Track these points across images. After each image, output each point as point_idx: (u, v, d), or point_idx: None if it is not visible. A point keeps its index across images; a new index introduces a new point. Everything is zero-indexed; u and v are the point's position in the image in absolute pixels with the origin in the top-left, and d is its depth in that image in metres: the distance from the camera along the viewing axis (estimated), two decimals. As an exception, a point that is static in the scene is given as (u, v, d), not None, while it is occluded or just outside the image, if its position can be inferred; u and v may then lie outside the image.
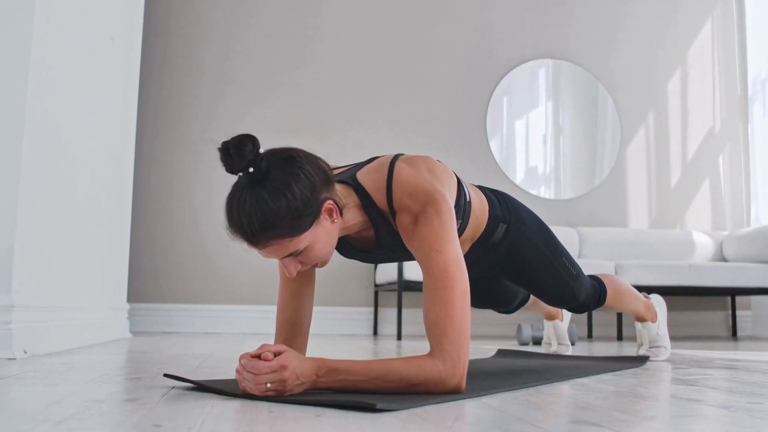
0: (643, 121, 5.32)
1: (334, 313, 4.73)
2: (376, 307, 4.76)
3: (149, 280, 4.51)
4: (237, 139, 1.32)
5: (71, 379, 1.60)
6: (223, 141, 1.34)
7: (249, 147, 1.32)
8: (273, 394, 1.28)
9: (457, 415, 1.15)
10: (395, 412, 1.16)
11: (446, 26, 5.13)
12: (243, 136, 1.33)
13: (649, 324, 2.47)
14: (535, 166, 5.23)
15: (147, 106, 4.61)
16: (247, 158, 1.31)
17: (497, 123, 5.16)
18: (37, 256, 2.44)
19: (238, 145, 1.31)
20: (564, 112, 5.27)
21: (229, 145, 1.32)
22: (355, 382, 1.33)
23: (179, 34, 4.81)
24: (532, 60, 5.22)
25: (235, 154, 1.31)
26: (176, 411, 1.17)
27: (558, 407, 1.26)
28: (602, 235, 4.85)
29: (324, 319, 4.67)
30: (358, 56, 5.00)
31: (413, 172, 1.50)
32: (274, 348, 1.32)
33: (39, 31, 2.36)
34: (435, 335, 1.37)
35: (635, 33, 5.40)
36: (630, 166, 5.25)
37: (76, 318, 2.91)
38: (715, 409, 1.27)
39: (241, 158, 1.31)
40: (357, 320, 4.78)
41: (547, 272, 1.97)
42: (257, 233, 1.34)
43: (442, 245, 1.41)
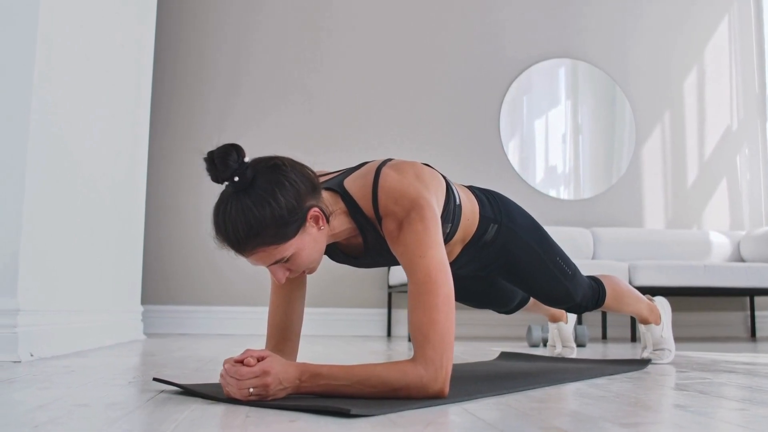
0: (659, 120, 5.27)
1: (348, 315, 4.75)
2: (389, 309, 4.77)
3: (164, 283, 4.57)
4: (222, 149, 1.34)
5: (66, 383, 1.63)
6: (209, 151, 1.36)
7: (233, 156, 1.34)
8: (256, 398, 1.30)
9: (430, 421, 1.16)
10: (369, 417, 1.17)
11: (457, 27, 5.13)
12: (228, 145, 1.35)
13: (653, 326, 2.44)
14: (554, 165, 5.19)
15: (160, 111, 4.67)
16: (231, 168, 1.33)
17: (516, 122, 5.13)
18: (43, 260, 2.48)
19: (223, 155, 1.33)
20: (581, 111, 5.24)
21: (213, 154, 1.34)
22: (337, 386, 1.34)
23: (191, 40, 4.86)
24: (546, 60, 5.19)
25: (219, 163, 1.33)
26: (155, 415, 1.19)
27: (535, 413, 1.26)
28: (616, 236, 4.81)
29: (337, 321, 4.70)
30: (369, 59, 5.02)
31: (399, 178, 1.51)
32: (258, 353, 1.34)
33: (43, 38, 2.41)
34: (418, 340, 1.38)
35: (650, 31, 5.35)
36: (645, 165, 5.21)
37: (85, 320, 2.96)
38: (691, 415, 1.26)
39: (226, 168, 1.33)
40: (370, 321, 4.80)
41: (541, 272, 1.96)
42: (243, 241, 1.36)
43: (425, 251, 1.42)
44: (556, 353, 2.75)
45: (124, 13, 3.59)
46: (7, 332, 2.17)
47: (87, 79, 2.98)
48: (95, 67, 3.08)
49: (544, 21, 5.22)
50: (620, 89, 5.22)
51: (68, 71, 2.74)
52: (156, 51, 4.41)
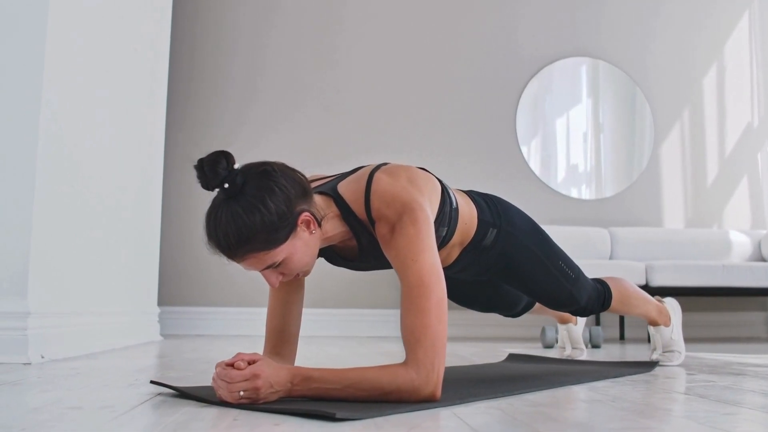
0: (678, 118, 5.20)
1: (362, 315, 4.76)
2: (405, 309, 4.76)
3: (181, 285, 4.61)
4: (211, 156, 1.36)
5: (67, 385, 1.66)
6: (199, 158, 1.37)
7: (223, 164, 1.35)
8: (247, 401, 1.31)
9: (415, 425, 1.16)
10: (354, 421, 1.17)
11: (473, 27, 5.11)
12: (217, 152, 1.36)
13: (662, 328, 2.42)
14: (575, 164, 5.15)
15: (175, 116, 4.71)
16: (221, 175, 1.35)
17: (538, 120, 5.10)
18: (54, 264, 2.52)
19: (212, 162, 1.35)
20: (601, 109, 5.19)
21: (203, 162, 1.36)
22: (329, 390, 1.35)
23: (206, 46, 4.89)
24: (561, 59, 5.14)
25: (209, 171, 1.35)
26: (144, 418, 1.21)
27: (524, 418, 1.26)
28: (634, 235, 4.76)
29: (352, 322, 4.71)
30: (385, 61, 5.01)
31: (391, 182, 1.51)
32: (249, 357, 1.35)
33: (53, 38, 2.45)
34: (410, 344, 1.38)
35: (668, 27, 5.28)
36: (665, 164, 5.14)
37: (100, 322, 3.01)
38: (683, 420, 1.25)
39: (215, 175, 1.35)
40: (386, 322, 4.79)
41: (543, 276, 1.95)
42: (233, 248, 1.37)
43: (417, 254, 1.42)
44: (566, 355, 2.74)
45: (138, 21, 3.64)
46: (17, 334, 2.21)
47: (99, 82, 3.02)
48: (107, 71, 3.13)
49: (561, 19, 5.18)
50: (638, 87, 5.17)
51: (79, 75, 2.78)
52: (172, 53, 4.46)
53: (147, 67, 3.81)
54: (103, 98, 3.07)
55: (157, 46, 4.02)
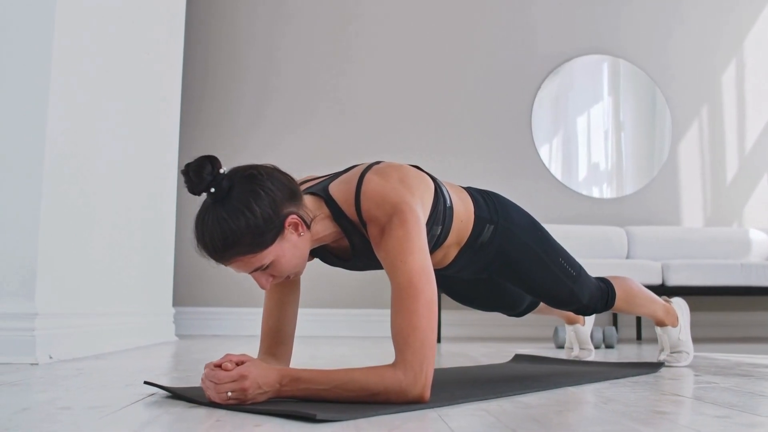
0: (697, 115, 5.13)
1: (378, 316, 4.75)
2: (420, 310, 4.75)
3: (196, 285, 4.65)
4: (196, 162, 1.37)
5: (65, 386, 1.68)
6: (186, 163, 1.38)
7: (208, 169, 1.36)
8: (235, 402, 1.32)
9: (395, 426, 1.16)
10: (334, 422, 1.18)
11: (488, 25, 5.09)
12: (203, 157, 1.37)
13: (670, 329, 2.39)
14: (596, 162, 5.10)
15: (189, 118, 4.75)
16: (206, 180, 1.36)
17: (560, 119, 5.07)
18: (62, 265, 2.56)
19: (198, 168, 1.36)
20: (621, 108, 5.13)
21: (189, 167, 1.37)
22: (317, 391, 1.36)
23: (219, 52, 4.93)
24: (580, 56, 5.10)
25: (194, 176, 1.36)
26: (128, 419, 1.22)
27: (508, 421, 1.25)
28: (651, 234, 4.70)
29: (368, 322, 4.71)
30: (399, 60, 5.01)
31: (382, 182, 1.51)
32: (237, 358, 1.36)
33: (59, 42, 2.49)
34: (398, 345, 1.38)
35: (687, 24, 5.21)
36: (683, 162, 5.08)
37: (111, 323, 3.05)
38: (669, 424, 1.24)
39: (200, 180, 1.36)
40: (402, 322, 4.79)
41: (542, 273, 1.94)
42: (220, 251, 1.39)
43: (407, 256, 1.42)
44: (573, 355, 2.71)
45: (151, 24, 3.68)
46: (24, 335, 2.24)
47: (109, 84, 3.06)
48: (118, 72, 3.16)
49: (578, 17, 5.14)
50: (656, 84, 5.11)
51: (87, 76, 2.81)
52: (185, 56, 4.50)
53: (160, 68, 3.85)
54: (114, 100, 3.11)
55: (171, 49, 4.06)
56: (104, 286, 3.00)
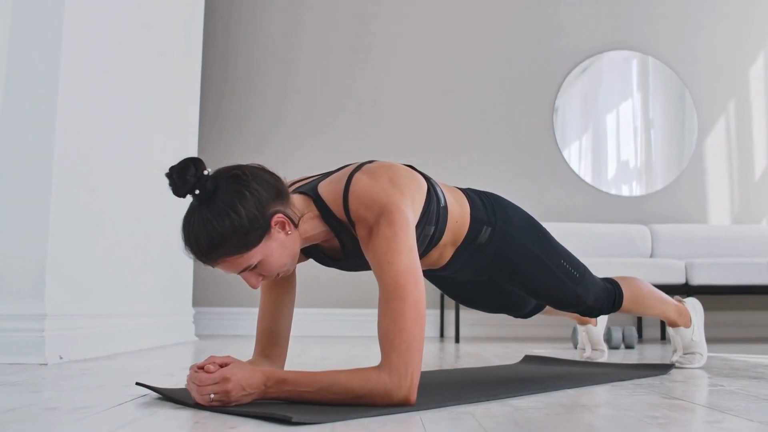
0: (723, 110, 5.01)
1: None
2: (441, 309, 4.73)
3: (216, 286, 4.68)
4: (180, 164, 1.37)
5: (62, 386, 1.70)
6: (171, 166, 1.38)
7: (191, 171, 1.36)
8: (218, 404, 1.32)
9: (371, 430, 1.15)
10: (310, 425, 1.17)
11: (511, 20, 5.04)
12: (186, 160, 1.37)
13: (683, 329, 2.34)
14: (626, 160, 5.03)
15: (209, 115, 4.79)
16: (189, 182, 1.36)
17: (589, 116, 5.01)
18: (74, 267, 2.59)
19: (181, 170, 1.36)
20: (646, 104, 5.04)
21: (173, 170, 1.37)
22: (302, 393, 1.35)
23: (238, 58, 4.96)
24: (602, 52, 5.02)
25: (177, 178, 1.36)
26: (108, 420, 1.23)
27: (490, 425, 1.23)
28: (676, 233, 4.61)
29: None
30: (418, 60, 4.99)
31: (370, 182, 1.50)
32: (221, 360, 1.36)
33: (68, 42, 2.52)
34: (384, 347, 1.37)
35: (712, 16, 5.10)
36: (709, 158, 4.97)
37: (130, 323, 3.08)
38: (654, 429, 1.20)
39: (184, 182, 1.36)
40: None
41: (543, 275, 1.91)
42: (206, 253, 1.39)
43: (393, 257, 1.41)
44: (585, 356, 2.67)
45: (169, 31, 3.71)
46: (34, 336, 2.28)
47: (123, 84, 3.09)
48: (132, 73, 3.20)
49: (601, 12, 5.06)
50: (680, 79, 5.00)
51: (98, 77, 2.85)
52: (204, 60, 4.54)
53: (179, 71, 3.89)
54: (129, 102, 3.14)
55: (189, 52, 4.10)
56: (119, 287, 3.03)
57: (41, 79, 2.43)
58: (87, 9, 2.67)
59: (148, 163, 3.36)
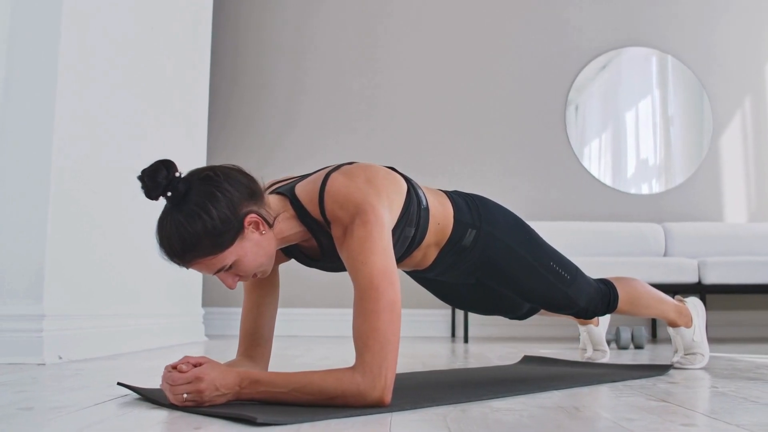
0: (739, 107, 4.93)
1: (413, 316, 4.73)
2: (453, 309, 4.72)
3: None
4: (151, 167, 1.37)
5: (48, 386, 1.72)
6: (143, 169, 1.39)
7: (163, 173, 1.36)
8: (192, 404, 1.32)
9: (333, 429, 1.14)
10: (275, 426, 1.17)
11: (524, 16, 5.00)
12: (157, 162, 1.38)
13: (683, 329, 2.30)
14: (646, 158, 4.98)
15: (217, 128, 4.81)
16: (161, 185, 1.36)
17: (609, 113, 4.98)
18: (73, 268, 2.62)
19: (152, 173, 1.36)
20: (667, 101, 4.98)
21: (144, 173, 1.38)
22: (275, 393, 1.35)
23: (246, 62, 4.98)
24: (611, 50, 4.97)
25: (149, 181, 1.36)
26: (79, 420, 1.23)
27: (458, 426, 1.22)
28: (690, 231, 4.54)
29: (403, 322, 4.67)
30: (430, 61, 4.97)
31: (346, 182, 1.49)
32: (195, 360, 1.36)
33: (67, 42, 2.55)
34: (358, 347, 1.37)
35: (727, 13, 5.01)
36: (725, 155, 4.89)
37: (133, 324, 3.11)
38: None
39: (155, 185, 1.36)
40: (434, 322, 4.76)
41: (532, 278, 1.88)
42: (179, 255, 1.39)
43: (367, 257, 1.40)
44: (587, 357, 2.64)
45: (177, 33, 3.74)
46: (33, 336, 2.30)
47: (125, 88, 3.12)
48: (137, 79, 3.23)
49: (614, 9, 5.00)
50: (693, 73, 4.92)
51: (99, 81, 2.87)
52: (213, 60, 4.57)
53: (185, 72, 3.91)
54: (133, 104, 3.17)
55: (197, 55, 4.12)
56: (122, 288, 3.06)
57: (40, 80, 2.46)
58: (86, 8, 2.69)
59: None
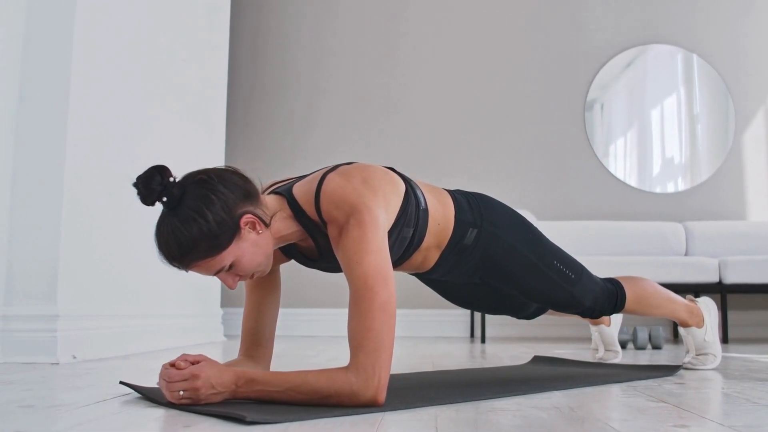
0: (762, 104, 4.84)
1: (432, 316, 4.73)
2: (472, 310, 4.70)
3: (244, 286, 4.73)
4: (145, 173, 1.39)
5: (55, 385, 1.76)
6: (137, 176, 1.40)
7: (157, 179, 1.38)
8: (188, 402, 1.34)
9: (323, 430, 1.15)
10: (264, 425, 1.18)
11: (541, 22, 4.98)
12: (151, 168, 1.39)
13: (694, 329, 2.27)
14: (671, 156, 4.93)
15: (237, 120, 4.85)
16: (155, 191, 1.38)
17: (634, 111, 4.94)
18: (88, 269, 2.66)
19: (146, 180, 1.38)
20: (678, 98, 4.92)
21: (138, 179, 1.40)
22: (270, 392, 1.36)
23: (266, 60, 5.01)
24: (631, 47, 4.92)
25: (143, 188, 1.38)
26: (72, 418, 1.26)
27: (447, 426, 1.22)
28: (712, 230, 4.46)
29: (420, 323, 4.70)
30: (449, 65, 4.96)
31: (342, 183, 1.50)
32: (192, 357, 1.39)
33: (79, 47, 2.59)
34: (352, 347, 1.38)
35: (751, 9, 4.93)
36: (748, 152, 4.80)
37: (150, 324, 3.15)
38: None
39: (150, 191, 1.38)
40: (454, 323, 4.76)
41: (534, 277, 1.88)
42: (178, 259, 1.41)
43: (362, 257, 1.41)
44: (598, 357, 2.62)
45: (195, 34, 3.78)
46: (47, 336, 2.35)
47: (139, 90, 3.16)
48: (151, 81, 3.27)
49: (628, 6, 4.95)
50: (714, 69, 4.85)
51: (112, 84, 2.92)
52: (231, 63, 4.61)
53: (202, 75, 3.95)
54: (148, 106, 3.21)
55: (215, 53, 4.16)
56: (138, 289, 3.10)
57: (53, 86, 2.51)
58: (99, 13, 2.73)
59: (175, 168, 3.42)
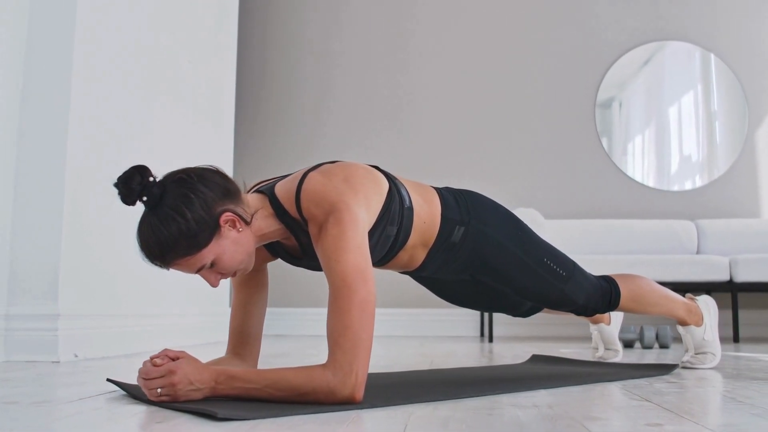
0: (776, 98, 4.78)
1: (442, 315, 4.73)
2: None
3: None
4: (125, 174, 1.41)
5: (46, 382, 1.78)
6: (118, 176, 1.42)
7: (137, 179, 1.40)
8: (167, 399, 1.35)
9: (293, 426, 1.16)
10: (234, 421, 1.19)
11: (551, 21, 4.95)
12: (131, 168, 1.41)
13: (693, 328, 2.25)
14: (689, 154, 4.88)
15: (245, 123, 4.88)
16: (135, 190, 1.40)
17: (651, 109, 4.91)
18: (92, 269, 2.69)
19: (126, 180, 1.40)
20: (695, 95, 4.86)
21: (119, 179, 1.41)
22: (249, 389, 1.37)
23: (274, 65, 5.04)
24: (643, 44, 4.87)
25: (123, 188, 1.40)
26: (52, 414, 1.28)
27: (418, 423, 1.22)
28: (723, 228, 4.41)
29: (430, 322, 4.70)
30: (459, 59, 4.95)
31: (322, 181, 1.51)
32: (173, 353, 1.40)
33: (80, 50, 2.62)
34: (330, 345, 1.38)
35: (762, 4, 4.86)
36: (761, 149, 4.74)
37: (157, 324, 3.18)
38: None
39: (129, 191, 1.40)
40: (463, 322, 4.75)
41: (524, 275, 1.86)
42: (158, 257, 1.42)
43: (340, 255, 1.41)
44: (598, 356, 2.60)
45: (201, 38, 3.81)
46: (49, 335, 2.38)
47: (142, 91, 3.19)
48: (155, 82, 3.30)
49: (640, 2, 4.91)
50: (727, 65, 4.79)
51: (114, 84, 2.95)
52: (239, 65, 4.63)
53: (209, 77, 3.98)
54: (151, 109, 3.24)
55: (223, 55, 4.19)
56: (143, 288, 3.12)
57: (55, 87, 2.54)
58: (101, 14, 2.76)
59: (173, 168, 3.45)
